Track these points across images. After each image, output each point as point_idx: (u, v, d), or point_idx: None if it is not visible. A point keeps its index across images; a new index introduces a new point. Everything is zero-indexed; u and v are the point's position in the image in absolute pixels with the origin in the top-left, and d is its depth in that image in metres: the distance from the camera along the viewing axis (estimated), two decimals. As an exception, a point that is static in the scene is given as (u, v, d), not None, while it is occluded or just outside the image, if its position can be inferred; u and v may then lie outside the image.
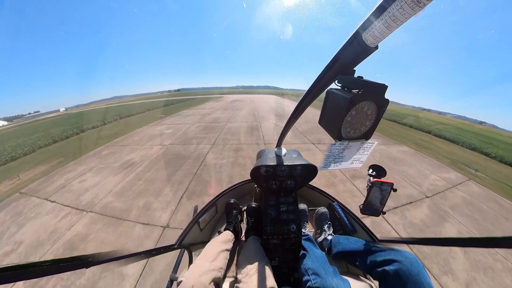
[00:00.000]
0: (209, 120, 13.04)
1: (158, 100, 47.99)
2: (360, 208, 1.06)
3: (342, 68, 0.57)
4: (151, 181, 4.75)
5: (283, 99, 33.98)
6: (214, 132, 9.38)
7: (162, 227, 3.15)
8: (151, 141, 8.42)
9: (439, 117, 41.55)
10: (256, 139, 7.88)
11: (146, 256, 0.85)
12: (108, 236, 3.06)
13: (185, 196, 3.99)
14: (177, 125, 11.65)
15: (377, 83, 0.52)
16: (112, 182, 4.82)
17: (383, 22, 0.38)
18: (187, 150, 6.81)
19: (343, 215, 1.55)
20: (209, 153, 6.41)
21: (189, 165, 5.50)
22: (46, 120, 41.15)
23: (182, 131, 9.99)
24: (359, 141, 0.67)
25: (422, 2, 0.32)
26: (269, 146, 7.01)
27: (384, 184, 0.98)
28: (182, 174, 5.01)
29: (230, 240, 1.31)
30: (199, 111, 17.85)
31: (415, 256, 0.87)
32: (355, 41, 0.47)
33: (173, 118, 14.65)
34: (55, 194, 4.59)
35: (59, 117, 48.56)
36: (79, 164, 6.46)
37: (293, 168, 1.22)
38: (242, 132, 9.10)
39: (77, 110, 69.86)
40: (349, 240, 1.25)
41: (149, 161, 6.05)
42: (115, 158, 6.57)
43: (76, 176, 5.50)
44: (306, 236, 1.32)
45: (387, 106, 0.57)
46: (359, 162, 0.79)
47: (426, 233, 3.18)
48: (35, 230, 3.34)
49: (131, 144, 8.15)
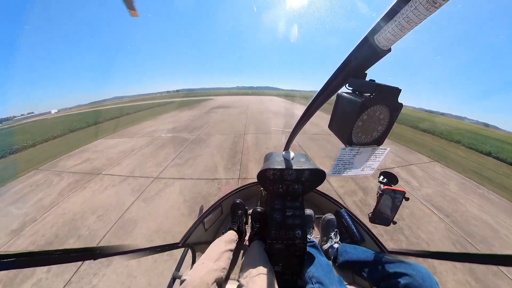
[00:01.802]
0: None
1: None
2: (369, 217, 1.02)
3: (353, 71, 0.56)
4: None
5: (296, 104, 23.87)
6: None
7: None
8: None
9: (458, 123, 35.38)
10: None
11: (151, 252, 0.86)
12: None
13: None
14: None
15: (390, 87, 0.51)
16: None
17: (396, 24, 0.37)
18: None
19: (351, 223, 1.50)
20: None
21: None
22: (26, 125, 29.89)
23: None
24: (371, 146, 0.65)
25: (438, 2, 0.31)
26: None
27: (396, 192, 0.94)
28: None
29: (233, 240, 1.31)
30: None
31: (428, 270, 0.83)
32: (367, 43, 0.46)
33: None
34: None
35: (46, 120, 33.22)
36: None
37: (300, 172, 1.21)
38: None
39: (70, 112, 57.35)
40: (356, 249, 1.21)
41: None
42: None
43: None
44: (311, 242, 1.29)
45: (400, 111, 0.55)
46: (370, 169, 0.76)
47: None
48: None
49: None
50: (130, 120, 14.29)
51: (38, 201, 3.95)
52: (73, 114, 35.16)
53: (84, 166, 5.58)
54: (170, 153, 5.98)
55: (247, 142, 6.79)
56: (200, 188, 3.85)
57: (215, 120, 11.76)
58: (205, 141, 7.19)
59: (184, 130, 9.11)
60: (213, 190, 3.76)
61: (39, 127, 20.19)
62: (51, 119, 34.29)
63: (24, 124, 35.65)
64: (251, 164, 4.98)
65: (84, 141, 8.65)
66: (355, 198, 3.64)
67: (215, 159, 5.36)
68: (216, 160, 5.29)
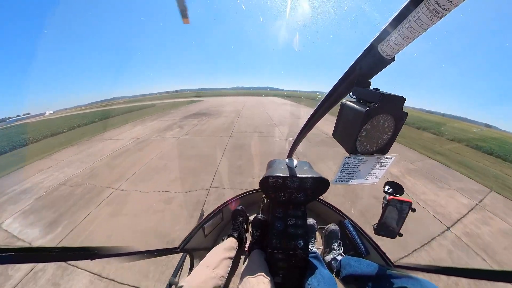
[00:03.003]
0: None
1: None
2: (374, 228, 0.99)
3: (357, 80, 0.56)
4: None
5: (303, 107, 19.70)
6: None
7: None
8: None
9: (470, 126, 29.83)
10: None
11: (148, 256, 0.86)
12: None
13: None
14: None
15: (395, 96, 0.50)
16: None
17: (399, 33, 0.37)
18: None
19: (355, 234, 1.46)
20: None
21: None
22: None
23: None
24: (375, 155, 0.64)
25: (441, 12, 0.31)
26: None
27: (403, 203, 0.91)
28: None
29: (233, 248, 1.29)
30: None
31: (437, 286, 0.79)
32: (371, 52, 0.46)
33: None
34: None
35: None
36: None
37: (303, 181, 1.19)
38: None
39: (65, 113, 52.51)
40: (360, 262, 1.16)
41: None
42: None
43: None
44: (313, 253, 1.25)
45: (405, 120, 0.54)
46: (375, 178, 0.75)
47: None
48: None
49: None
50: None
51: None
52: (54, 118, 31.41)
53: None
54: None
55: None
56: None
57: (163, 154, 6.28)
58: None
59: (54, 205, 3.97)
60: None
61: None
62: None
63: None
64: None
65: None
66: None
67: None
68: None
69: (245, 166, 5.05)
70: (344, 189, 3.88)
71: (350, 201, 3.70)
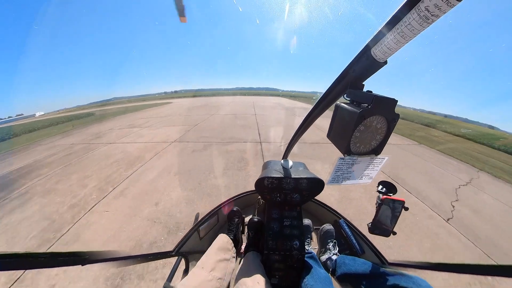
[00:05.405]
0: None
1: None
2: (368, 227, 1.01)
3: (351, 82, 0.57)
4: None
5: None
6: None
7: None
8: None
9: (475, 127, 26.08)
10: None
11: (142, 260, 0.84)
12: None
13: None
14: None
15: (387, 98, 0.52)
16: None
17: (392, 38, 0.39)
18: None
19: (350, 233, 1.47)
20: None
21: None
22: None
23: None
24: (369, 156, 0.65)
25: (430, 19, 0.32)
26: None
27: (396, 202, 0.94)
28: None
29: (229, 249, 1.28)
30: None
31: (428, 283, 0.81)
32: (364, 55, 0.47)
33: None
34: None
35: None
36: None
37: (298, 181, 1.20)
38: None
39: (58, 114, 48.30)
40: (355, 261, 1.18)
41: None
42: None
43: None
44: (309, 253, 1.26)
45: (397, 121, 0.55)
46: (368, 178, 0.76)
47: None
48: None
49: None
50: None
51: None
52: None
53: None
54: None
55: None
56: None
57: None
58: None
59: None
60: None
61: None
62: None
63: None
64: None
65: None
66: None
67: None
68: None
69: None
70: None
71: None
